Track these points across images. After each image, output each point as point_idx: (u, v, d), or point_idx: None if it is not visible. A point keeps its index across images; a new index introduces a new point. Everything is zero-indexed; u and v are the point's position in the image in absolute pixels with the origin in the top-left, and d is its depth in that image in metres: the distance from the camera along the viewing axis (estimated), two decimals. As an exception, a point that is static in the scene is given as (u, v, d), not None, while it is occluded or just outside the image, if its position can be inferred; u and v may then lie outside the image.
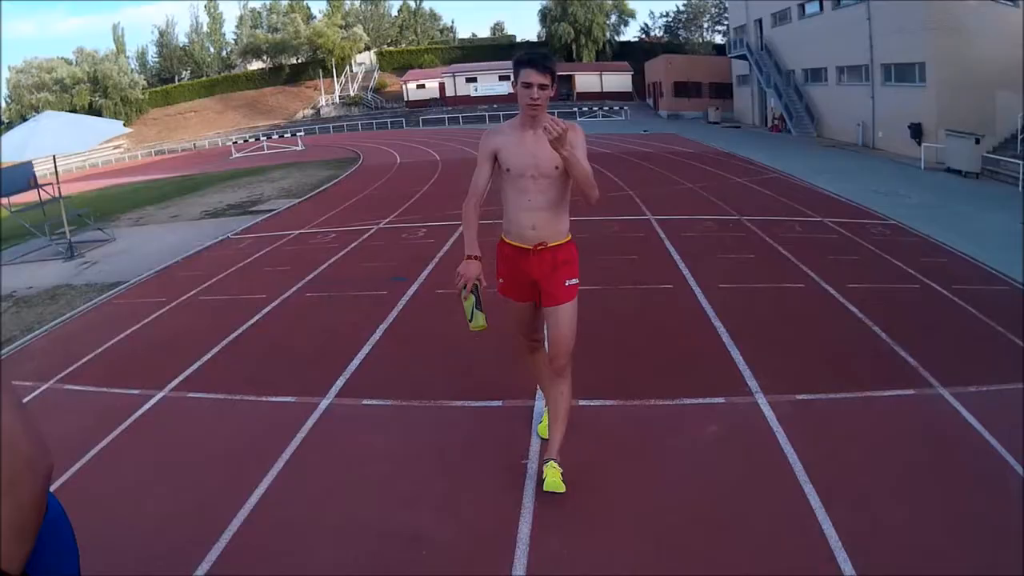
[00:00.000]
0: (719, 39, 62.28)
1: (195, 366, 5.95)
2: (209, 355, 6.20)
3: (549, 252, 3.58)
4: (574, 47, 64.90)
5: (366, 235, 11.43)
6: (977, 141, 19.36)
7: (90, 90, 62.11)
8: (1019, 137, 19.86)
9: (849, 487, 3.75)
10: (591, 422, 4.48)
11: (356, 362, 5.75)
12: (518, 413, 4.62)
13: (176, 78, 73.32)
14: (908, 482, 3.85)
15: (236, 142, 43.97)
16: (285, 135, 45.46)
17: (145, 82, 67.53)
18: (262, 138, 43.72)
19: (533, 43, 71.11)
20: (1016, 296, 7.72)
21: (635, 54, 64.01)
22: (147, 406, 5.25)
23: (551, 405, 3.74)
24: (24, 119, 58.23)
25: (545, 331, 3.84)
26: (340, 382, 5.35)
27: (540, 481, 3.63)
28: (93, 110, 57.66)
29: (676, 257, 8.76)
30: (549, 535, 3.37)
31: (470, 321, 3.53)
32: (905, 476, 3.91)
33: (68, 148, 12.44)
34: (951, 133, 20.37)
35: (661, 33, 71.61)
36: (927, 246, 10.07)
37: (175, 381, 5.66)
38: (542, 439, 4.13)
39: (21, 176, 13.50)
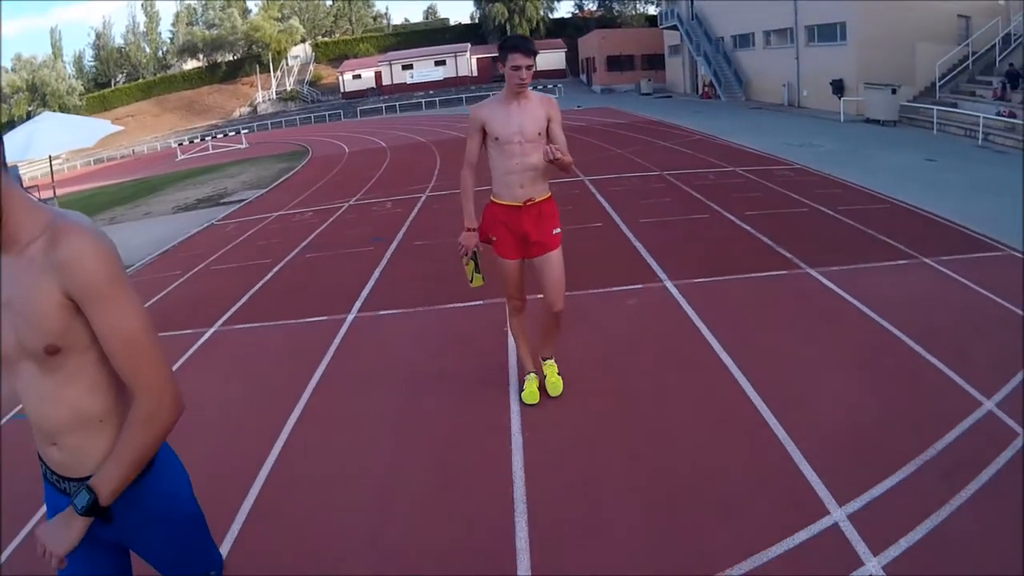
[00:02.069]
0: (652, 10, 63.68)
1: (232, 309, 7.46)
2: (241, 301, 7.72)
3: (536, 207, 4.14)
4: (508, 27, 65.92)
5: (340, 211, 12.98)
6: (894, 91, 21.27)
7: (28, 99, 61.19)
8: (937, 86, 22.00)
9: (738, 331, 5.52)
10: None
11: (366, 291, 7.42)
12: (496, 306, 6.31)
13: (112, 81, 72.45)
14: (784, 324, 5.71)
15: (181, 143, 44.37)
16: (230, 134, 45.99)
17: (82, 87, 66.69)
18: (207, 139, 44.26)
19: (468, 25, 72.08)
20: (891, 209, 9.67)
21: (569, 30, 65.35)
22: (203, 339, 6.72)
23: (546, 330, 4.50)
24: (-43, 134, 57.31)
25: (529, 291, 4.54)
26: (358, 303, 7.02)
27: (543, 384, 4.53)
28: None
29: (605, 205, 10.59)
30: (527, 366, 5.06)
31: (471, 281, 4.29)
32: (779, 320, 5.80)
33: (68, 146, 13.52)
34: (869, 86, 22.36)
35: (595, 7, 72.89)
36: (825, 182, 11.97)
37: (220, 320, 7.15)
38: (526, 404, 4.56)
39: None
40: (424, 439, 4.33)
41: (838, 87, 25.02)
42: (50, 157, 13.15)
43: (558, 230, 4.23)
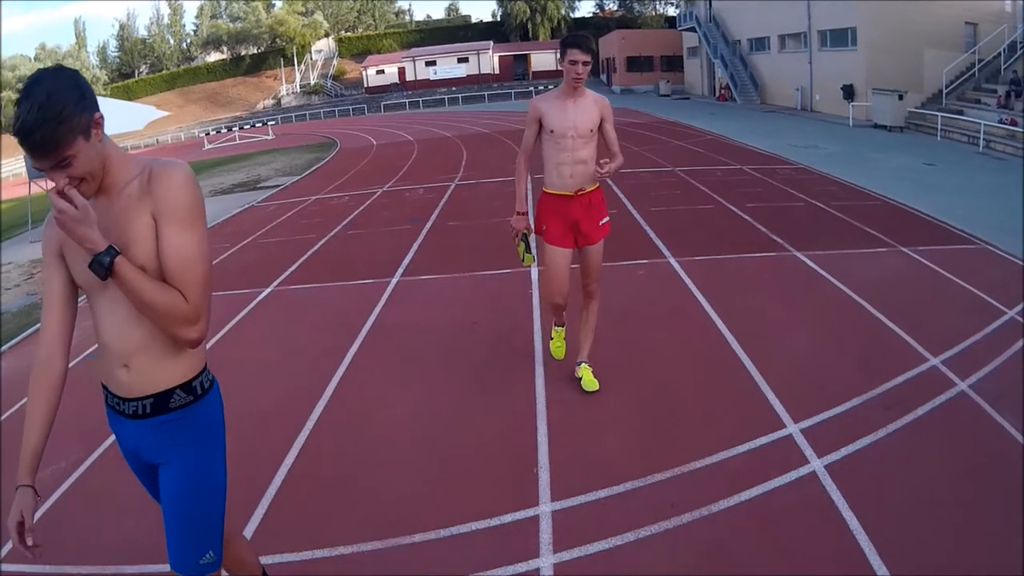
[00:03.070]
0: (672, 11, 64.35)
1: (284, 274, 8.45)
2: (293, 267, 8.74)
3: (586, 196, 4.43)
4: (530, 26, 66.92)
5: (375, 196, 14.01)
6: (900, 97, 21.89)
7: (51, 88, 62.39)
8: (944, 92, 22.71)
9: (726, 296, 6.48)
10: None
11: (406, 260, 8.46)
12: (520, 274, 7.36)
13: (136, 72, 73.75)
14: (766, 292, 6.67)
15: (208, 133, 45.42)
16: (257, 125, 46.98)
17: (106, 77, 68.01)
18: (234, 129, 45.30)
19: (489, 23, 73.05)
20: (881, 205, 10.52)
21: (590, 30, 65.76)
22: (260, 297, 7.69)
23: (584, 319, 4.75)
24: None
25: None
26: (400, 270, 8.05)
27: (576, 380, 4.84)
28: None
29: (620, 195, 11.54)
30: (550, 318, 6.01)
31: (522, 260, 4.64)
32: (762, 289, 6.76)
33: (119, 128, 14.59)
34: (877, 91, 23.01)
35: (616, 7, 73.71)
36: (824, 180, 12.82)
37: (274, 282, 8.14)
38: (555, 359, 5.11)
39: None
40: (462, 365, 5.36)
41: (848, 92, 25.63)
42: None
43: (605, 219, 4.55)
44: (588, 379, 4.80)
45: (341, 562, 3.32)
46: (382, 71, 64.26)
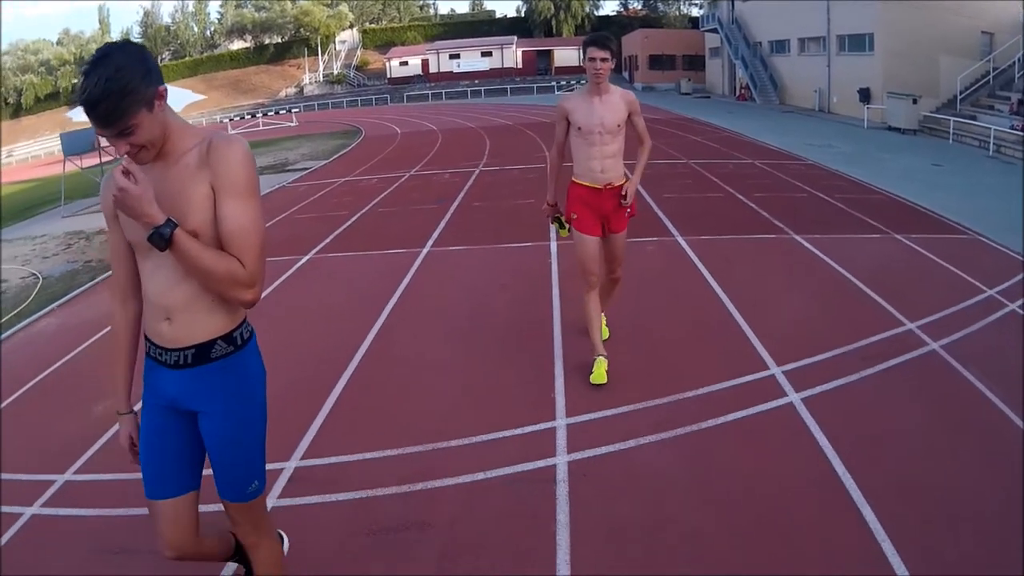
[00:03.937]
0: (695, 12, 64.56)
1: (321, 244, 9.18)
2: (328, 239, 9.46)
3: (615, 190, 4.67)
4: (554, 22, 67.42)
5: (402, 179, 14.74)
6: (914, 101, 22.26)
7: (74, 72, 63.37)
8: (958, 98, 23.10)
9: (726, 269, 7.14)
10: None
11: (436, 233, 9.18)
12: (541, 248, 8.07)
13: (158, 59, 74.23)
14: (763, 268, 7.30)
15: (232, 119, 46.13)
16: (281, 112, 47.73)
17: (128, 63, 68.63)
18: (258, 115, 46.07)
19: (513, 18, 73.59)
20: (884, 200, 11.08)
21: (614, 28, 66.33)
22: (300, 263, 8.39)
23: (606, 291, 5.14)
24: (7, 103, 60.52)
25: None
26: (430, 242, 8.76)
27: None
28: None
29: (637, 182, 12.16)
30: (568, 283, 6.71)
31: (558, 232, 5.02)
32: (760, 265, 7.40)
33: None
34: (892, 95, 23.43)
35: (640, 6, 74.02)
36: (832, 176, 13.39)
37: (313, 251, 8.86)
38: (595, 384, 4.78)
39: (85, 139, 16.15)
40: (488, 319, 6.08)
41: (865, 95, 26.08)
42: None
43: (629, 210, 4.85)
44: (602, 327, 5.42)
45: (385, 462, 4.00)
46: (405, 63, 64.82)
